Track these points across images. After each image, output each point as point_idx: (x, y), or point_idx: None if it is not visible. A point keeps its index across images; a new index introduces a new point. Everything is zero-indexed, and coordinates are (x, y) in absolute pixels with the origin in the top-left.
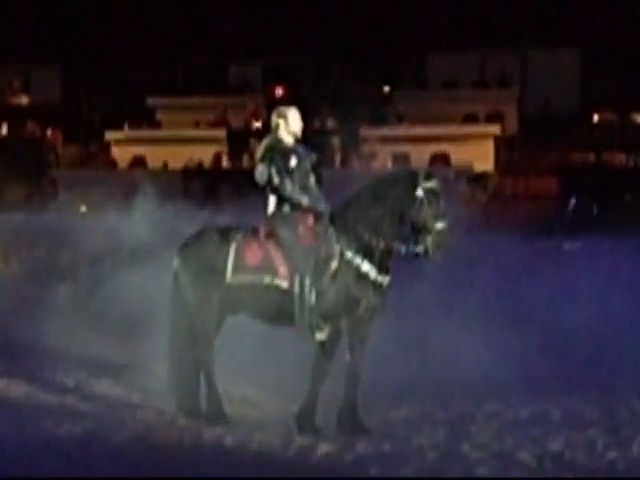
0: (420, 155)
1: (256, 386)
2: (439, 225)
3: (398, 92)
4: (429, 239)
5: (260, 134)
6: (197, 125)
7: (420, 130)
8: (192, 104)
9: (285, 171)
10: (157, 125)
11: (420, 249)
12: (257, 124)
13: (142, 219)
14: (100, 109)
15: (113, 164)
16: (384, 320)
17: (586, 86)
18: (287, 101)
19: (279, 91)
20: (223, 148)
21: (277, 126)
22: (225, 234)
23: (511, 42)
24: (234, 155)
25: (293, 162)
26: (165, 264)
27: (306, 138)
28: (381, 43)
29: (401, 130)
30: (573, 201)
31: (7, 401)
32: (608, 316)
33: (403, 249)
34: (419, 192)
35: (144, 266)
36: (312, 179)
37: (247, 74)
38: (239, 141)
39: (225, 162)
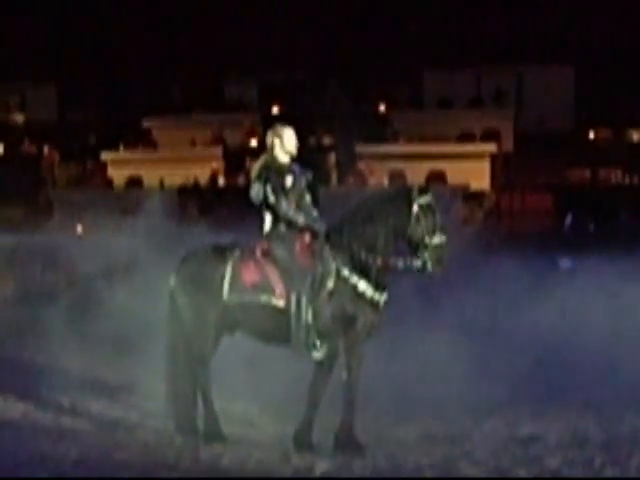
0: (416, 173)
1: (254, 405)
2: (436, 240)
3: (394, 110)
4: (426, 254)
5: (256, 152)
6: (193, 144)
7: (416, 148)
8: (188, 123)
9: (281, 190)
10: (153, 145)
11: (418, 264)
12: (253, 142)
13: (138, 238)
14: (96, 128)
15: (109, 184)
16: (381, 338)
17: (581, 103)
18: (283, 119)
19: (275, 109)
20: (219, 166)
21: (273, 145)
22: (221, 253)
23: (507, 60)
24: (230, 174)
25: (289, 181)
26: (162, 283)
27: (302, 156)
28: (377, 61)
29: (397, 148)
30: (569, 218)
31: (4, 421)
32: (605, 335)
33: (401, 265)
34: (414, 208)
35: (141, 285)
36: (308, 198)
37: (243, 92)
38: (235, 160)
39: (221, 181)
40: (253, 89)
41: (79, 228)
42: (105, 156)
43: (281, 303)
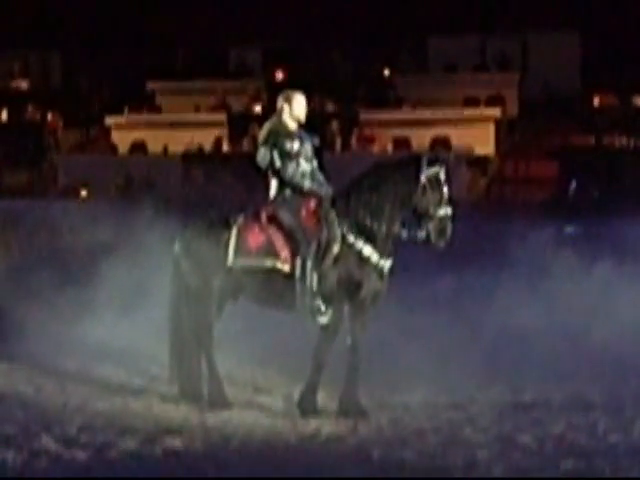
0: (420, 139)
1: (259, 370)
2: (441, 212)
3: (398, 75)
4: (431, 225)
5: (260, 118)
6: (197, 109)
7: (420, 114)
8: (192, 88)
9: (287, 155)
10: (157, 109)
11: (422, 235)
12: (257, 108)
13: (143, 203)
14: (100, 93)
15: (113, 149)
16: (386, 305)
17: (586, 69)
18: (287, 85)
19: (279, 75)
20: (224, 132)
21: (281, 110)
22: (226, 218)
23: (512, 25)
24: (235, 139)
25: (295, 146)
26: (167, 248)
27: (306, 122)
28: (382, 26)
29: (401, 114)
30: (574, 184)
31: (9, 387)
32: (609, 299)
33: (405, 234)
34: (422, 178)
35: (145, 250)
36: (314, 163)
37: (247, 58)
38: (239, 125)
39: (226, 146)
40: (257, 55)
41: (83, 193)
42: (109, 120)
43: (286, 268)
